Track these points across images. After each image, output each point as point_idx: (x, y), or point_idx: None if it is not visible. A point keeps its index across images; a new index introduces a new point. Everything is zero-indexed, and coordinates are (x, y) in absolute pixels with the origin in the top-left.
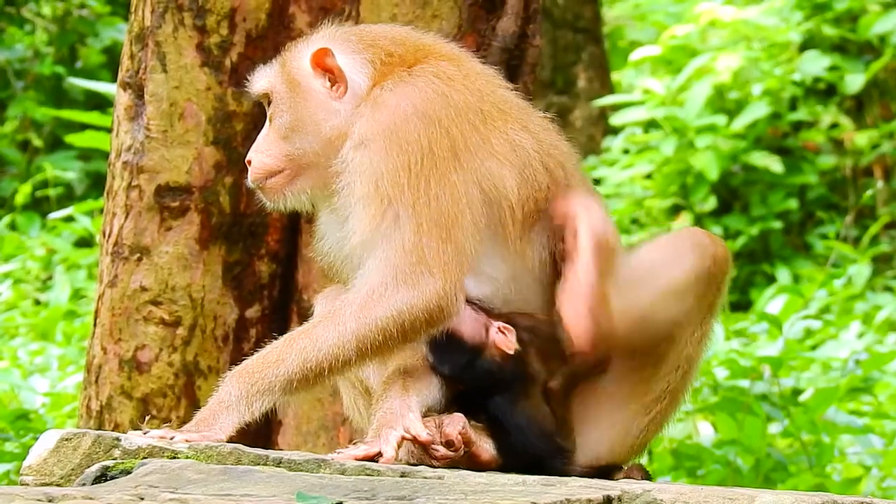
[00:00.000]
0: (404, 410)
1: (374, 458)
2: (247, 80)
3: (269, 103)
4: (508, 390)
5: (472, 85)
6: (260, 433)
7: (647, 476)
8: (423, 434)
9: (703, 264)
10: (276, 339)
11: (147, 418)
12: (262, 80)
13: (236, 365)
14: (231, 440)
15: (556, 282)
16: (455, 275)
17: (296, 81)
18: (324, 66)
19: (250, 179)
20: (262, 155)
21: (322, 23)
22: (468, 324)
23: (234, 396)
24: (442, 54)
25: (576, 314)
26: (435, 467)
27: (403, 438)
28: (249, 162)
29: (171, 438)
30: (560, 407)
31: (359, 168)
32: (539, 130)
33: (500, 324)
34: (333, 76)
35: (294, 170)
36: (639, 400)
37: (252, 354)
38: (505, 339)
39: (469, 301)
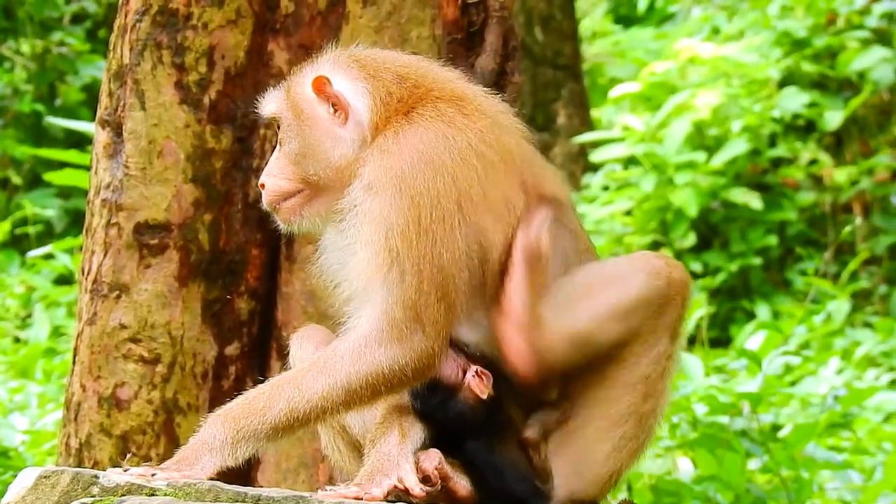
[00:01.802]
0: (401, 460)
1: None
2: (225, 117)
3: (279, 127)
4: (482, 435)
5: (475, 126)
6: (239, 470)
7: None
8: (416, 489)
9: (653, 285)
10: (257, 377)
11: (128, 456)
12: (270, 104)
13: (216, 402)
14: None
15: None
16: (444, 332)
17: (300, 108)
18: (324, 93)
19: (266, 202)
20: (277, 178)
21: (301, 61)
22: (446, 365)
23: (218, 440)
24: (444, 92)
25: (513, 343)
26: (412, 503)
27: (396, 488)
28: (263, 185)
29: (152, 476)
30: (537, 455)
31: (368, 213)
32: (532, 185)
33: (478, 368)
34: (336, 102)
35: (311, 192)
36: (602, 428)
37: (231, 392)
38: (479, 384)
39: (452, 343)
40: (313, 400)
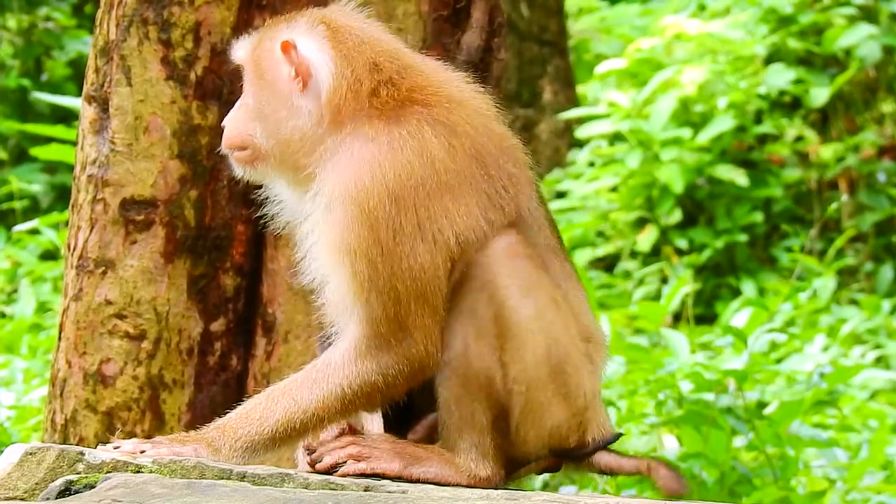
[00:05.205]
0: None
1: (330, 470)
2: (211, 93)
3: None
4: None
5: (458, 145)
6: None
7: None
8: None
9: None
10: (242, 353)
11: (117, 431)
12: (240, 50)
13: (201, 378)
14: None
15: None
16: (434, 332)
17: (262, 64)
18: (290, 56)
19: (222, 145)
20: (231, 127)
21: None
22: None
23: (214, 445)
24: (425, 93)
25: None
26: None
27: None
28: (224, 127)
29: (141, 452)
30: None
31: (328, 235)
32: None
33: None
34: (298, 67)
35: (255, 153)
36: None
37: (217, 368)
38: None
39: None
40: (309, 410)
